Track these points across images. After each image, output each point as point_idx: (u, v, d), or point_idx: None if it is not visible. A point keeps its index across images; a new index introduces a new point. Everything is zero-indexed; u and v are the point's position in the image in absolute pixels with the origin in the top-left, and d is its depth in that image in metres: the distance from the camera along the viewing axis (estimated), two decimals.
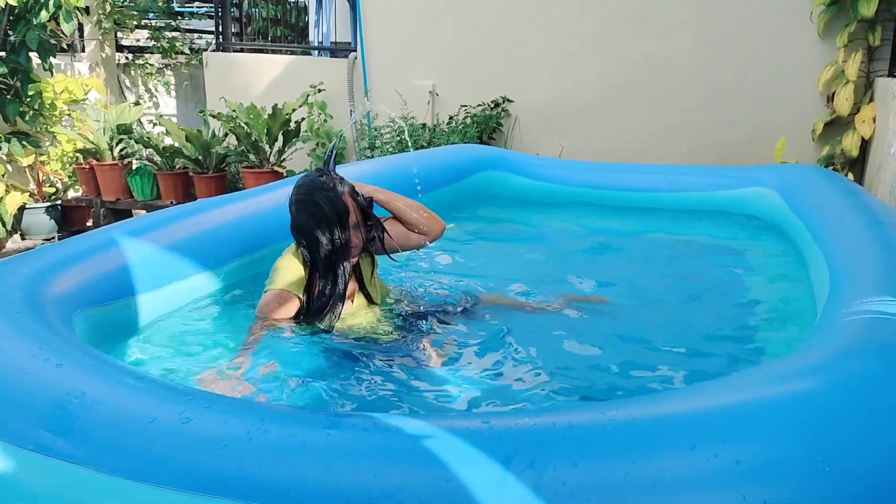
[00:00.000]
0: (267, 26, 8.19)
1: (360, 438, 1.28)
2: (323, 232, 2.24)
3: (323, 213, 2.23)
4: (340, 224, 2.24)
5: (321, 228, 2.23)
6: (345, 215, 2.25)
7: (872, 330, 1.61)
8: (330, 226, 2.24)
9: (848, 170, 5.01)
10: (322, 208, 2.23)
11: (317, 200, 2.24)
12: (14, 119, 6.01)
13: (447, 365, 2.17)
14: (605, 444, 1.24)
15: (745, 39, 5.49)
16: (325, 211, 2.23)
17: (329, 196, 2.24)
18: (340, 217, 2.24)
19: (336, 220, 2.24)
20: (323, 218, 2.23)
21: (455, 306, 2.60)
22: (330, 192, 2.25)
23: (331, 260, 2.26)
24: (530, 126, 6.06)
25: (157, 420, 1.35)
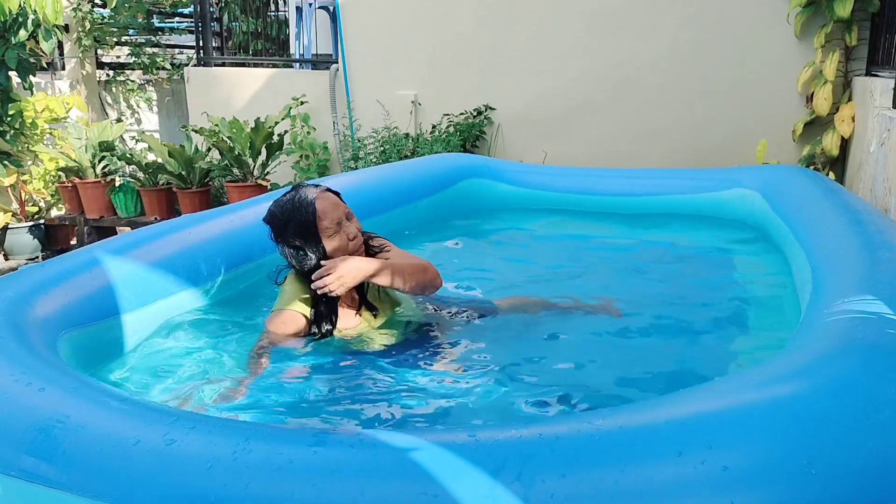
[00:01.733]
0: (248, 40, 8.18)
1: (347, 455, 1.28)
2: (300, 247, 2.29)
3: (295, 230, 2.28)
4: (313, 236, 2.28)
5: (297, 244, 2.29)
6: (313, 226, 2.27)
7: (854, 330, 1.61)
8: (304, 239, 2.28)
9: (829, 169, 5.06)
10: (292, 225, 2.28)
11: (288, 219, 2.29)
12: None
13: (443, 376, 2.17)
14: (593, 454, 1.24)
15: (724, 42, 5.54)
16: (295, 227, 2.28)
17: (298, 209, 2.28)
18: (309, 228, 2.27)
19: (310, 233, 2.27)
20: (296, 233, 2.28)
21: (468, 312, 2.62)
22: (299, 206, 2.29)
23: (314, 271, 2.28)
24: (513, 133, 6.08)
25: (142, 442, 1.33)
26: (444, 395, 2.02)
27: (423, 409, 1.96)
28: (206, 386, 2.08)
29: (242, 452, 1.28)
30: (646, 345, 2.42)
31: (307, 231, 2.28)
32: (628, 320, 2.66)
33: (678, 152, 5.67)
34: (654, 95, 5.73)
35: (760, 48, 5.48)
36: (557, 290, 3.07)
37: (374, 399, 2.02)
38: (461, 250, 3.86)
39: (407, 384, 2.09)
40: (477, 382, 2.09)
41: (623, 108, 5.81)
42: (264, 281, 2.98)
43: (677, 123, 5.71)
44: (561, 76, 5.92)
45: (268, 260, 3.05)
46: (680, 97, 5.68)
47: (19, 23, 5.51)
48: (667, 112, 5.72)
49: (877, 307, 1.77)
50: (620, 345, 2.46)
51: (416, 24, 6.23)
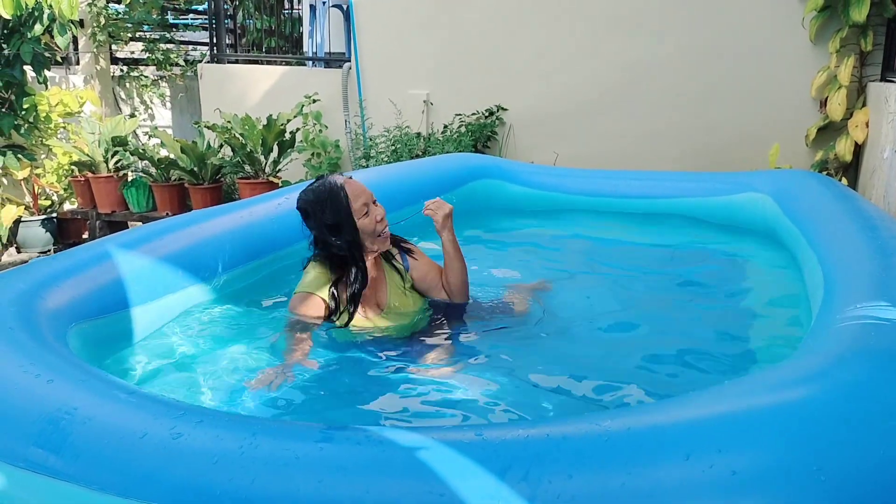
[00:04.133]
0: (261, 37, 8.20)
1: (354, 452, 1.28)
2: (336, 228, 2.39)
3: (330, 213, 2.38)
4: (349, 216, 2.39)
5: (333, 225, 2.39)
6: (347, 207, 2.39)
7: (866, 336, 1.60)
8: (339, 221, 2.38)
9: (842, 175, 5.02)
10: (328, 209, 2.38)
11: (323, 204, 2.39)
12: (9, 132, 6.00)
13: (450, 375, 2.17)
14: (600, 456, 1.24)
15: (738, 45, 5.51)
16: (330, 210, 2.38)
17: (332, 193, 2.39)
18: (344, 210, 2.39)
19: (345, 213, 2.39)
20: (332, 216, 2.38)
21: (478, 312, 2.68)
22: (331, 190, 2.40)
23: (350, 256, 2.41)
24: (524, 134, 6.07)
25: (149, 435, 1.34)
26: (451, 394, 2.01)
27: (430, 408, 1.96)
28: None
29: (249, 447, 1.28)
30: (656, 346, 2.41)
31: (342, 212, 2.39)
32: (639, 322, 2.65)
33: (690, 155, 5.64)
34: (665, 97, 5.71)
35: (774, 52, 5.44)
36: (567, 290, 3.07)
37: (380, 395, 2.02)
38: (470, 250, 3.85)
39: (413, 381, 2.10)
40: (484, 381, 2.09)
41: (634, 110, 5.79)
42: (273, 276, 3.01)
43: (689, 126, 5.68)
44: (573, 77, 5.90)
45: (276, 256, 3.07)
46: (692, 100, 5.66)
47: (35, 17, 5.55)
48: (679, 114, 5.70)
49: (889, 313, 1.76)
50: (630, 346, 2.45)
51: (429, 24, 6.23)
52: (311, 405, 1.98)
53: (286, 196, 3.38)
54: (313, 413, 1.95)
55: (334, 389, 2.09)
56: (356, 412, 1.96)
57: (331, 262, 2.45)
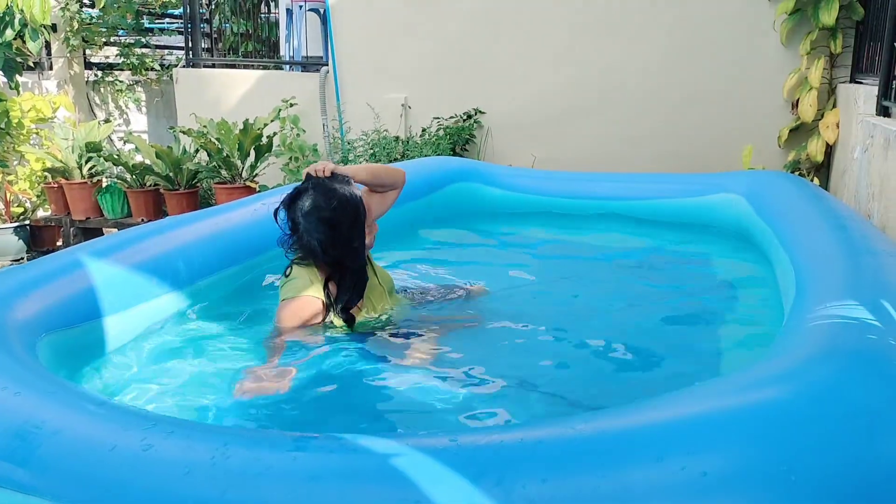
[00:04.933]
0: (238, 41, 8.16)
1: (327, 461, 1.27)
2: (356, 235, 2.38)
3: (347, 226, 2.36)
4: (361, 235, 2.41)
5: (355, 233, 2.38)
6: (363, 227, 2.41)
7: (836, 336, 1.62)
8: (351, 237, 2.37)
9: (813, 175, 5.09)
10: (359, 217, 2.38)
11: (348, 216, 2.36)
12: None
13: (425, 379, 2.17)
14: (574, 459, 1.24)
15: (711, 48, 5.57)
16: (347, 226, 2.36)
17: (356, 208, 2.38)
18: (360, 228, 2.40)
19: (358, 232, 2.39)
20: (346, 230, 2.36)
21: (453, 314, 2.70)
22: (355, 204, 2.39)
23: (357, 253, 2.40)
24: (502, 137, 6.09)
25: (118, 447, 1.32)
26: (426, 398, 2.01)
27: (404, 413, 1.95)
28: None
29: (221, 458, 1.27)
30: (629, 348, 2.42)
31: (360, 226, 2.39)
32: (612, 323, 2.66)
33: (665, 157, 5.69)
34: (642, 101, 5.75)
35: (747, 55, 5.51)
36: (545, 292, 3.08)
37: (357, 400, 2.01)
38: (450, 253, 3.86)
39: (387, 385, 2.09)
40: (459, 386, 2.08)
41: (611, 113, 5.83)
42: (249, 284, 2.99)
43: (665, 128, 5.73)
44: (550, 81, 5.93)
45: (253, 262, 3.05)
46: (667, 103, 5.71)
47: (6, 22, 5.49)
48: (654, 117, 5.75)
49: (859, 312, 1.78)
50: (604, 348, 2.45)
51: (406, 28, 6.23)
52: (286, 412, 1.97)
53: (263, 202, 3.37)
54: (288, 420, 1.94)
55: (311, 396, 2.07)
56: (334, 418, 1.95)
57: (317, 265, 2.40)
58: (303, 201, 2.36)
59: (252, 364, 2.23)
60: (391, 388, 2.09)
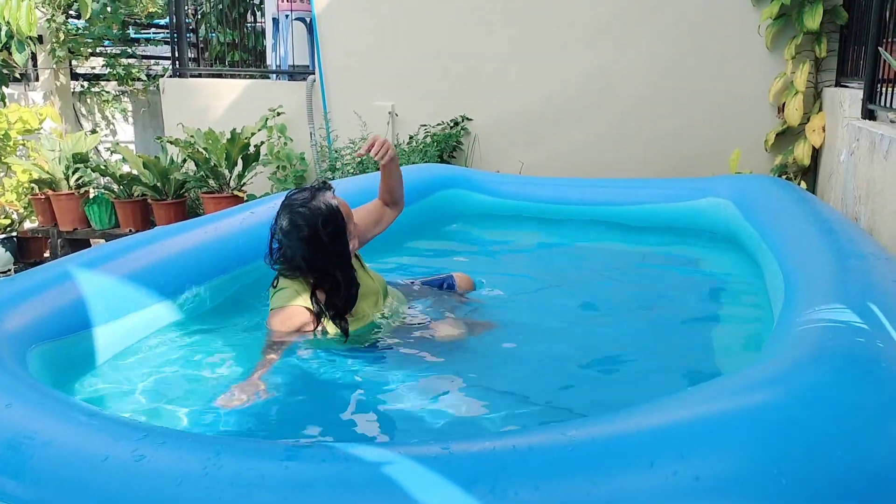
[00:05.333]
0: (224, 51, 8.15)
1: (319, 470, 1.27)
2: (338, 245, 2.38)
3: (326, 236, 2.34)
4: (342, 244, 2.40)
5: (336, 243, 2.37)
6: (344, 236, 2.40)
7: (824, 339, 1.63)
8: (333, 248, 2.37)
9: (800, 178, 5.12)
10: (324, 231, 2.34)
11: (323, 225, 2.34)
12: None
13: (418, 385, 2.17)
14: (566, 466, 1.25)
15: (697, 54, 5.60)
16: (327, 234, 2.34)
17: (332, 217, 2.37)
18: (341, 237, 2.39)
19: (339, 242, 2.38)
20: (326, 240, 2.35)
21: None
22: (331, 212, 2.37)
23: (343, 261, 2.41)
24: (490, 143, 6.10)
25: (111, 458, 1.32)
26: (417, 407, 2.01)
27: (396, 421, 1.95)
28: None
29: (213, 468, 1.26)
30: (619, 353, 2.43)
31: (340, 235, 2.38)
32: (602, 328, 2.67)
33: (653, 162, 5.72)
34: (629, 106, 5.78)
35: (733, 60, 5.55)
36: (533, 298, 3.08)
37: (350, 409, 2.01)
38: (438, 260, 3.86)
39: (377, 394, 2.09)
40: (450, 393, 2.09)
41: (598, 119, 5.85)
42: (239, 293, 2.98)
43: (652, 133, 5.76)
44: (537, 87, 5.95)
45: (242, 272, 3.04)
46: (654, 108, 5.74)
47: None
48: (642, 122, 5.77)
49: (847, 316, 1.79)
50: (594, 353, 2.47)
51: (392, 35, 6.24)
52: (278, 421, 1.97)
53: (251, 210, 3.36)
54: (281, 429, 1.94)
55: (299, 405, 2.07)
56: (325, 427, 1.95)
57: (303, 275, 2.41)
58: (281, 220, 2.39)
59: (241, 372, 2.23)
60: (381, 397, 2.08)
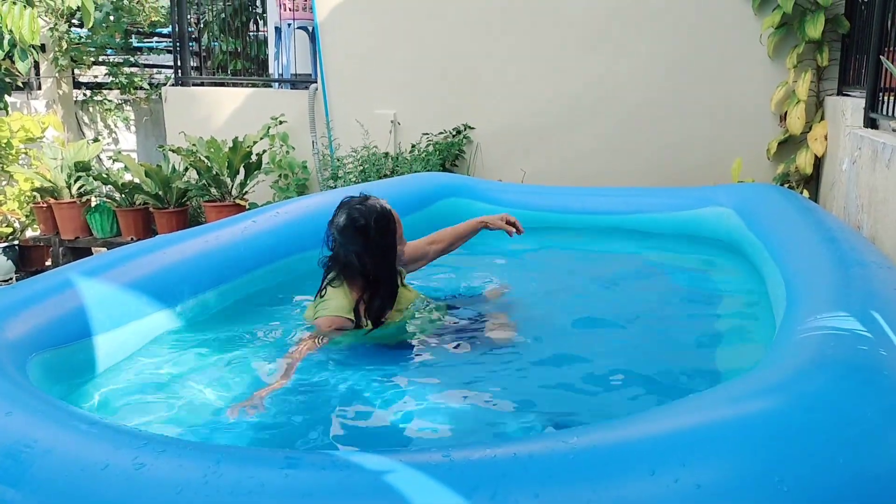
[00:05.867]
0: (227, 60, 8.17)
1: (320, 478, 1.26)
2: (389, 244, 2.58)
3: (378, 237, 2.53)
4: (392, 248, 2.60)
5: (387, 242, 2.57)
6: (394, 239, 2.60)
7: (826, 347, 1.63)
8: (384, 250, 2.56)
9: (803, 187, 5.12)
10: (390, 227, 2.57)
11: (377, 227, 2.53)
12: None
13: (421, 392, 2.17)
14: (567, 474, 1.24)
15: (700, 62, 5.61)
16: (379, 235, 2.53)
17: (386, 220, 2.57)
18: (391, 240, 2.59)
19: (389, 244, 2.58)
20: (378, 241, 2.54)
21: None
22: (384, 215, 2.57)
23: (389, 264, 2.58)
24: (492, 152, 6.11)
25: (111, 466, 1.31)
26: (418, 414, 2.01)
27: (397, 428, 1.95)
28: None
29: (213, 476, 1.26)
30: (621, 362, 2.42)
31: (390, 238, 2.58)
32: (604, 337, 2.67)
33: (655, 171, 5.72)
34: (631, 114, 5.79)
35: (734, 68, 5.56)
36: (534, 307, 3.08)
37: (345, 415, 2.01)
38: (439, 268, 3.85)
39: (378, 401, 2.08)
40: (451, 400, 2.08)
41: (600, 128, 5.86)
42: (240, 302, 2.98)
43: (654, 142, 5.77)
44: (539, 95, 5.96)
45: (243, 281, 3.04)
46: (656, 117, 5.74)
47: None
48: (644, 131, 5.78)
49: (849, 324, 1.79)
50: (596, 361, 2.46)
51: (395, 44, 6.26)
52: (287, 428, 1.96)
53: (253, 219, 3.37)
54: (290, 436, 1.94)
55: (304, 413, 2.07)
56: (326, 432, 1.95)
57: (349, 280, 2.55)
58: (338, 218, 2.56)
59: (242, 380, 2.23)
60: (382, 405, 2.08)
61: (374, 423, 2.01)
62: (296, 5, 6.82)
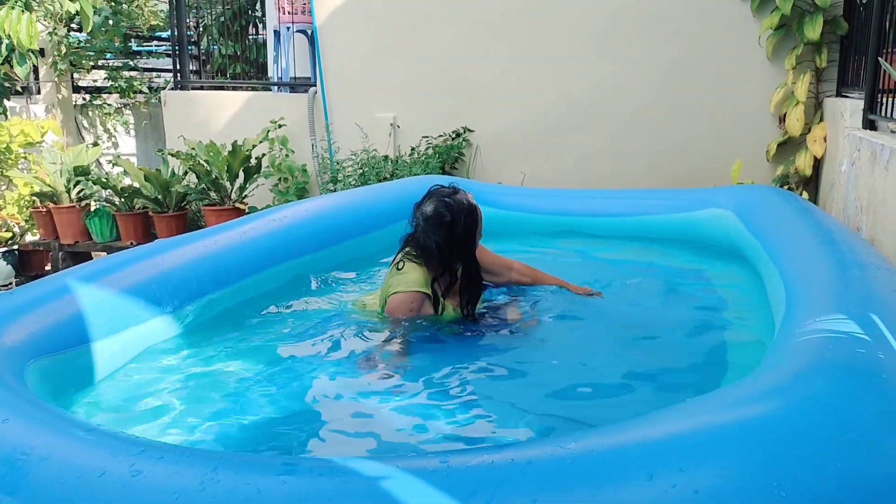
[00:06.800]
0: (226, 63, 8.18)
1: (316, 484, 1.26)
2: (470, 240, 2.72)
3: (464, 228, 2.68)
4: (473, 240, 2.75)
5: (469, 238, 2.71)
6: (474, 232, 2.75)
7: (825, 350, 1.62)
8: (466, 240, 2.70)
9: (802, 188, 5.12)
10: (463, 224, 2.68)
11: (464, 218, 2.67)
12: None
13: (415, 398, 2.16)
14: (565, 479, 1.23)
15: (698, 64, 5.61)
16: (463, 227, 2.68)
17: (473, 214, 2.72)
18: (473, 233, 2.73)
19: (471, 236, 2.73)
20: (462, 233, 2.68)
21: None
22: (472, 210, 2.72)
23: (468, 257, 2.73)
24: (491, 155, 6.11)
25: (108, 473, 1.31)
26: (416, 418, 2.00)
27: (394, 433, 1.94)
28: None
29: (210, 482, 1.25)
30: (620, 364, 2.42)
31: (473, 231, 2.71)
32: (603, 339, 2.66)
33: (655, 173, 5.72)
34: (630, 117, 5.79)
35: (733, 70, 5.56)
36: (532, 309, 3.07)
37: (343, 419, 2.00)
38: None
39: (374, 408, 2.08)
40: (449, 405, 2.08)
41: (599, 130, 5.86)
42: (240, 307, 2.97)
43: (654, 145, 5.77)
44: (539, 98, 5.96)
45: (243, 285, 3.04)
46: (656, 119, 5.74)
47: None
48: (643, 133, 5.78)
49: (848, 326, 1.79)
50: (595, 364, 2.46)
51: (394, 47, 6.26)
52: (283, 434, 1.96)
53: (251, 224, 3.36)
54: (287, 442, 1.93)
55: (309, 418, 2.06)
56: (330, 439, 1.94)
57: (428, 262, 2.66)
58: (426, 205, 2.70)
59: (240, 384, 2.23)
60: (378, 411, 2.08)
61: (373, 427, 2.00)
62: (295, 8, 6.83)
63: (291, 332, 2.72)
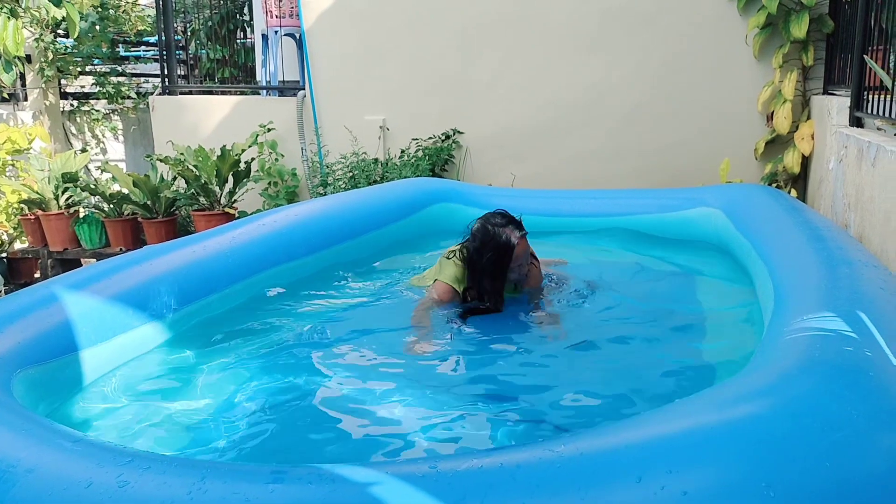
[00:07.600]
0: (214, 68, 8.15)
1: (306, 492, 1.25)
2: (496, 273, 2.83)
3: (493, 256, 2.79)
4: (499, 274, 2.84)
5: (493, 270, 2.83)
6: (503, 269, 2.82)
7: (813, 349, 1.62)
8: (496, 266, 2.81)
9: (790, 186, 5.14)
10: (487, 256, 2.79)
11: (489, 251, 2.78)
12: None
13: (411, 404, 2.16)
14: (554, 482, 1.23)
15: (686, 64, 5.63)
16: (489, 260, 2.79)
17: (499, 250, 2.79)
18: (503, 262, 2.81)
19: (502, 264, 2.81)
20: (487, 264, 2.81)
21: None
22: (499, 247, 2.79)
23: (494, 285, 2.85)
24: (481, 156, 6.11)
25: (94, 484, 1.30)
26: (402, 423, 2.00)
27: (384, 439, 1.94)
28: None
29: (198, 492, 1.25)
30: (606, 365, 2.42)
31: (499, 267, 2.80)
32: (592, 340, 2.66)
33: (644, 173, 5.73)
34: (619, 118, 5.80)
35: (721, 70, 5.58)
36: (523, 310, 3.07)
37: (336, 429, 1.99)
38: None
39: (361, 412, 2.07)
40: (439, 409, 2.07)
41: (589, 131, 5.87)
42: (228, 313, 2.96)
43: (643, 145, 5.78)
44: (528, 99, 5.97)
45: (232, 291, 3.02)
46: (644, 119, 5.76)
47: None
48: (632, 134, 5.79)
49: (836, 324, 1.79)
50: (583, 364, 2.46)
51: (383, 49, 6.26)
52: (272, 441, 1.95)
53: (240, 229, 3.35)
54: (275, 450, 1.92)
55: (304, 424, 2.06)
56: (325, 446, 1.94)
57: (471, 270, 2.85)
58: (479, 220, 2.90)
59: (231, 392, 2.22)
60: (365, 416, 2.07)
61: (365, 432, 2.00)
62: (282, 12, 6.81)
63: (280, 338, 2.71)
